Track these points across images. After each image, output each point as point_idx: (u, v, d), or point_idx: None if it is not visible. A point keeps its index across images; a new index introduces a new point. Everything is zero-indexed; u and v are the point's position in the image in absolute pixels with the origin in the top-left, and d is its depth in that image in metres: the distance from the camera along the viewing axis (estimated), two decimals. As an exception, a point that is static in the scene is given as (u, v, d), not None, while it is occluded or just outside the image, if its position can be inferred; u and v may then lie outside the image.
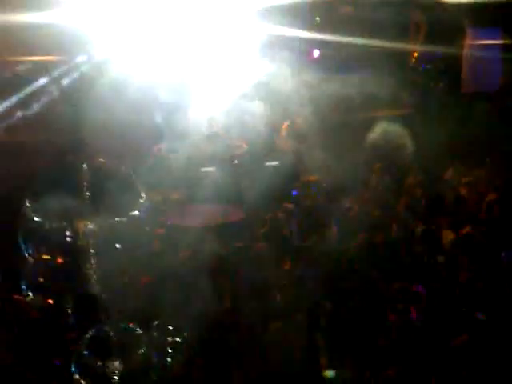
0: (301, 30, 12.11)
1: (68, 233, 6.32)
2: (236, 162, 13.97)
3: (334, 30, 12.88)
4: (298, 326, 7.94)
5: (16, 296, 9.35)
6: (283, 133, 14.67)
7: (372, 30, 12.57)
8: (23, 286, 7.38)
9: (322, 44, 13.67)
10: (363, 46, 13.14)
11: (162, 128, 14.02)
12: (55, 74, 10.26)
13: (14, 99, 9.79)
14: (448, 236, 10.33)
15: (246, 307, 8.39)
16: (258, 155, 14.07)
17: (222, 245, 10.55)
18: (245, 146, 13.67)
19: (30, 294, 7.38)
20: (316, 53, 13.85)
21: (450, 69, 12.51)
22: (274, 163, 14.16)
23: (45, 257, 6.52)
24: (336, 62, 14.22)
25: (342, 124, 14.89)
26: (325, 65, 14.60)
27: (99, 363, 6.13)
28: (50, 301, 7.16)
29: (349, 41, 12.44)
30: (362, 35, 12.60)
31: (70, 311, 7.23)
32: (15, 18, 9.05)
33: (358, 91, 15.22)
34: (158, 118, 13.84)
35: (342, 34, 13.04)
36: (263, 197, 12.64)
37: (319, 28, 12.65)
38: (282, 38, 13.22)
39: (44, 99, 10.13)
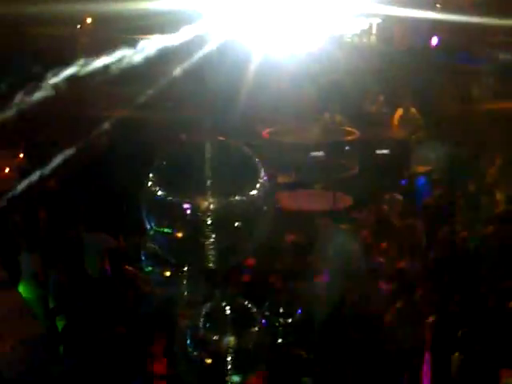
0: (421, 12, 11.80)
1: (189, 208, 6.39)
2: (347, 148, 13.88)
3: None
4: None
5: (128, 268, 9.70)
6: (396, 121, 14.45)
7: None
8: (142, 258, 7.58)
9: (441, 31, 13.31)
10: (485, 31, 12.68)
11: (273, 110, 14.09)
12: (177, 52, 10.52)
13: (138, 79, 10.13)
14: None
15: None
16: (370, 142, 13.94)
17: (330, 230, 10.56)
18: (357, 132, 13.52)
19: (149, 266, 7.58)
20: (435, 40, 13.49)
21: None
22: (385, 151, 13.99)
23: (165, 230, 6.63)
24: (456, 49, 13.81)
25: (457, 115, 14.46)
26: (444, 52, 14.21)
27: (213, 338, 6.22)
28: (168, 273, 7.34)
29: (470, 24, 11.99)
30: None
31: (185, 286, 7.40)
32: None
33: (475, 82, 14.80)
34: (271, 100, 13.88)
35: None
36: (372, 185, 12.55)
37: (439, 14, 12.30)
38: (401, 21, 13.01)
39: (168, 77, 10.43)
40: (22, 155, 11.13)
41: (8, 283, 9.34)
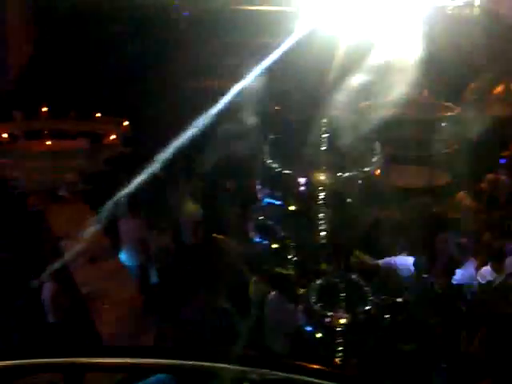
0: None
1: (303, 182, 6.39)
2: (444, 124, 13.54)
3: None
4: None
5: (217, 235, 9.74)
6: (493, 98, 13.99)
7: None
8: (250, 227, 7.63)
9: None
10: None
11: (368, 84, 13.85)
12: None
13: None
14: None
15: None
16: (468, 119, 13.56)
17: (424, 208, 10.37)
18: (456, 109, 13.16)
19: (257, 237, 7.63)
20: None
21: None
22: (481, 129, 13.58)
23: (278, 202, 6.65)
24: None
25: None
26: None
27: (326, 312, 6.22)
28: (275, 245, 7.38)
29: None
30: None
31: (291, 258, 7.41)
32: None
33: None
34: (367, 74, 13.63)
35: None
36: (470, 163, 12.26)
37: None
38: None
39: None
40: (126, 123, 11.36)
41: (110, 250, 9.60)
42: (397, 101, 13.78)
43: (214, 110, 8.43)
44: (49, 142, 11.70)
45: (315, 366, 2.42)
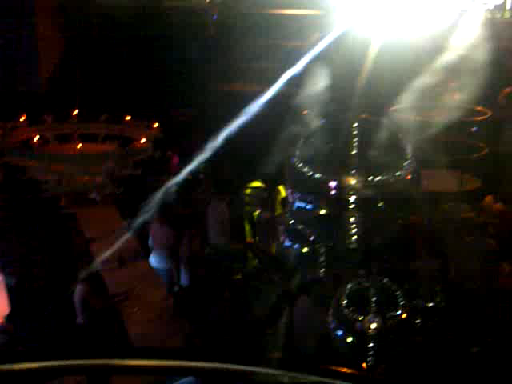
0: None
1: (335, 186, 6.35)
2: (474, 129, 13.40)
3: None
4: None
5: (248, 240, 9.77)
6: (502, 100, 13.88)
7: None
8: (282, 231, 7.61)
9: None
10: None
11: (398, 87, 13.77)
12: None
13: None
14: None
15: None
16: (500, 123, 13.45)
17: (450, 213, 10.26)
18: (488, 112, 13.01)
19: (287, 241, 7.61)
20: None
21: None
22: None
23: (308, 206, 6.62)
24: None
25: None
26: None
27: (356, 317, 6.17)
28: (305, 249, 7.35)
29: None
30: None
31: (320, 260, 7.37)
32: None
33: None
34: (396, 77, 13.56)
35: None
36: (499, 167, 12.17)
37: None
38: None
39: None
40: (156, 125, 11.42)
41: (139, 253, 9.67)
42: (428, 104, 13.72)
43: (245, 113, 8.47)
44: (79, 146, 11.83)
45: (346, 370, 2.40)
